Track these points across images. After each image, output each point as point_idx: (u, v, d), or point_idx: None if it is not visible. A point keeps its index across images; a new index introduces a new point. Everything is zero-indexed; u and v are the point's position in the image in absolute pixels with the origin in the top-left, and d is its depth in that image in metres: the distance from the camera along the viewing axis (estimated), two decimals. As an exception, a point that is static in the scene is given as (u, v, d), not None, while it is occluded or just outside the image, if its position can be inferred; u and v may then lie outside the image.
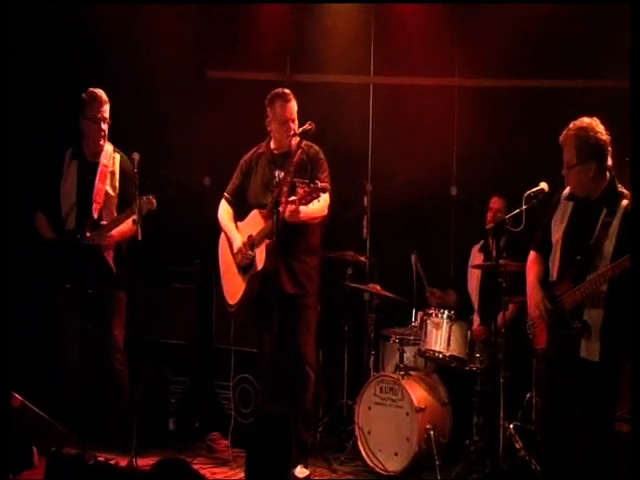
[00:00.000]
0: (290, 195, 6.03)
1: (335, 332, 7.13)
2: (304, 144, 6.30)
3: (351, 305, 7.30)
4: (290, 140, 6.28)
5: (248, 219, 6.34)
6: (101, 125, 6.51)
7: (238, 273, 6.30)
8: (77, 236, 6.44)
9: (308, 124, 6.23)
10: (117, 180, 6.57)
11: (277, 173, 6.29)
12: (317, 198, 5.93)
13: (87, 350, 6.54)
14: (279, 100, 6.28)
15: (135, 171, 6.23)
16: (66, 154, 6.61)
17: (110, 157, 6.58)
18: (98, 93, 6.53)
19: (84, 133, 6.58)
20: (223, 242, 6.47)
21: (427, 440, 6.35)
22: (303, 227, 6.19)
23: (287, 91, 6.32)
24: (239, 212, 6.47)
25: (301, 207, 5.98)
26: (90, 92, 6.55)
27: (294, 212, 5.99)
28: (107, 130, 6.55)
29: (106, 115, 6.53)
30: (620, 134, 5.18)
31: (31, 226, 6.56)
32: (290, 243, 6.14)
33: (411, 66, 7.72)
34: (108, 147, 6.60)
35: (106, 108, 6.52)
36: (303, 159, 6.25)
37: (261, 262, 6.13)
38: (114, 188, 6.56)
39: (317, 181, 6.00)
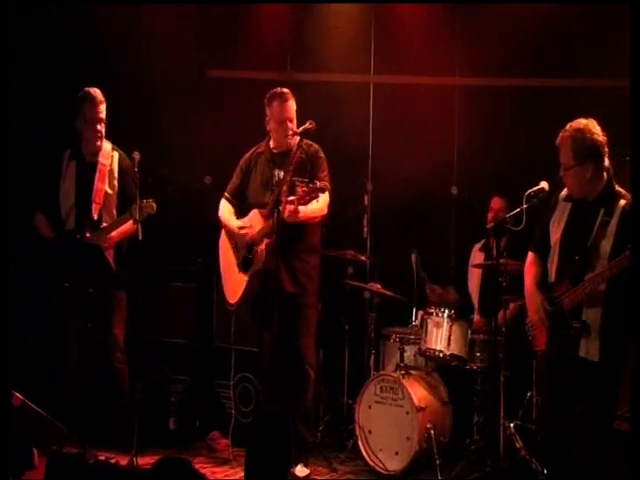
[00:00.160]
0: (290, 194, 6.02)
1: (335, 331, 7.13)
2: (304, 143, 6.29)
3: (351, 304, 7.31)
4: (289, 140, 6.28)
5: (248, 218, 6.32)
6: (97, 126, 6.46)
7: (238, 272, 6.30)
8: (77, 236, 6.44)
9: (308, 123, 6.22)
10: (116, 179, 6.56)
11: (277, 172, 6.28)
12: (316, 198, 5.92)
13: (87, 350, 6.53)
14: (277, 100, 6.27)
15: (136, 170, 6.22)
16: (64, 154, 6.59)
17: (108, 156, 6.56)
18: (93, 93, 6.46)
19: (81, 134, 6.55)
20: (224, 241, 6.47)
21: (427, 439, 6.35)
22: (303, 226, 6.18)
23: (285, 90, 6.31)
24: (239, 211, 6.46)
25: (300, 207, 5.97)
26: (85, 93, 6.48)
27: (293, 212, 5.99)
28: (104, 130, 6.51)
29: (102, 116, 6.47)
30: (620, 134, 5.18)
31: (31, 226, 6.56)
32: (290, 242, 6.14)
33: (411, 65, 7.72)
34: (106, 145, 6.58)
35: (102, 108, 6.46)
36: (303, 158, 6.24)
37: (261, 262, 6.13)
38: (113, 187, 6.55)
39: (316, 181, 5.99)
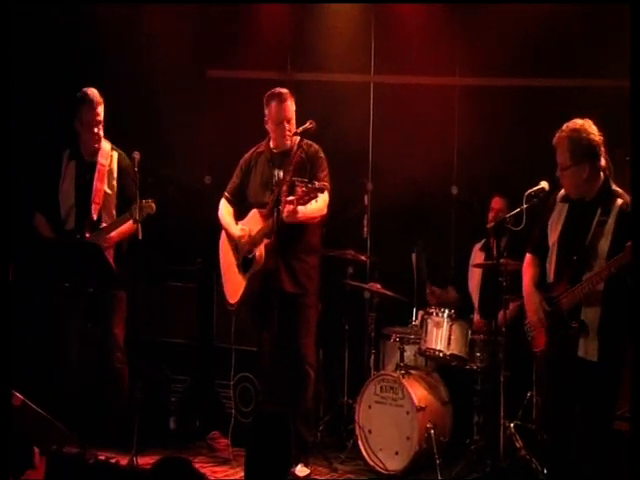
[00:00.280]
0: (290, 194, 6.01)
1: (335, 331, 7.13)
2: (304, 143, 6.28)
3: (351, 304, 7.30)
4: (286, 140, 6.26)
5: (247, 218, 6.33)
6: (94, 129, 6.44)
7: (238, 272, 6.29)
8: (77, 236, 6.44)
9: (308, 123, 6.20)
10: (115, 179, 6.55)
11: (276, 172, 6.27)
12: (315, 198, 5.90)
13: (87, 350, 6.54)
14: (275, 100, 6.26)
15: (136, 170, 6.21)
16: (64, 154, 6.59)
17: (108, 155, 6.55)
18: (90, 96, 6.42)
19: (79, 135, 6.54)
20: (224, 241, 6.47)
21: (427, 439, 6.35)
22: (303, 226, 6.18)
23: (284, 91, 6.29)
24: (239, 211, 6.46)
25: (299, 207, 5.95)
26: (82, 95, 6.44)
27: (292, 212, 5.96)
28: (102, 131, 6.49)
29: (99, 118, 6.44)
30: (620, 134, 5.18)
31: (31, 226, 6.56)
32: (290, 242, 6.14)
33: (411, 65, 7.71)
34: (106, 145, 6.57)
35: (99, 111, 6.44)
36: (302, 158, 6.23)
37: (260, 261, 6.13)
38: (112, 187, 6.54)
39: (314, 181, 5.98)
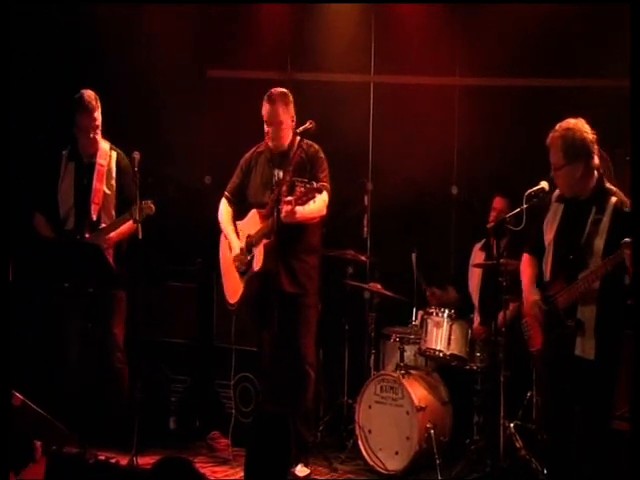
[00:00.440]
0: (290, 194, 5.99)
1: (335, 331, 7.13)
2: (304, 143, 6.27)
3: (351, 304, 7.30)
4: (280, 141, 6.24)
5: (247, 219, 6.33)
6: (90, 135, 6.44)
7: (238, 272, 6.30)
8: (76, 236, 6.44)
9: (308, 123, 6.19)
10: (113, 178, 6.55)
11: (276, 172, 6.26)
12: (313, 199, 5.88)
13: (87, 350, 6.54)
14: (265, 101, 6.24)
15: (136, 170, 6.21)
16: (62, 155, 6.59)
17: (106, 155, 6.55)
18: (86, 101, 6.40)
19: (77, 138, 6.54)
20: (224, 241, 6.47)
21: (427, 439, 6.35)
22: (303, 226, 6.17)
23: (276, 92, 6.25)
24: (240, 211, 6.46)
25: (298, 207, 5.93)
26: (78, 99, 6.42)
27: (290, 213, 5.94)
28: (99, 135, 6.47)
29: (97, 123, 6.44)
30: (620, 134, 5.18)
31: (31, 226, 6.56)
32: (290, 242, 6.13)
33: (411, 65, 7.71)
34: (105, 145, 6.57)
35: (96, 116, 6.43)
36: (302, 158, 6.22)
37: (259, 263, 6.12)
38: (111, 187, 6.54)
39: (313, 181, 5.97)
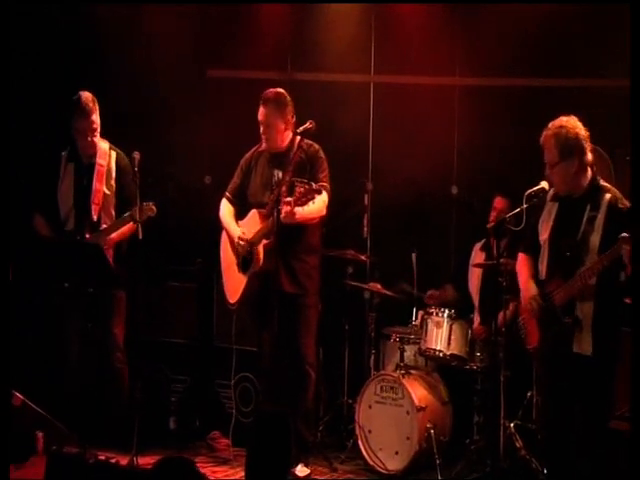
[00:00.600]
0: (289, 195, 5.98)
1: (335, 331, 7.12)
2: (304, 143, 6.26)
3: (351, 304, 7.30)
4: (272, 143, 6.24)
5: (247, 219, 6.32)
6: (87, 138, 6.44)
7: (238, 271, 6.29)
8: (77, 237, 6.43)
9: (308, 123, 6.18)
10: (113, 178, 6.54)
11: (276, 172, 6.26)
12: (312, 199, 5.86)
13: (87, 350, 6.54)
14: (260, 102, 6.26)
15: (136, 170, 6.21)
16: (62, 156, 6.58)
17: (106, 155, 6.54)
18: (83, 104, 6.39)
19: (76, 140, 6.54)
20: (225, 240, 6.46)
21: (427, 439, 6.35)
22: (303, 226, 6.16)
23: (269, 95, 6.25)
24: (240, 211, 6.46)
25: (297, 208, 5.91)
26: (76, 102, 6.41)
27: (289, 213, 5.92)
28: (97, 137, 6.46)
29: (94, 126, 6.43)
30: (620, 134, 5.18)
31: (31, 226, 6.55)
32: (290, 242, 6.13)
33: (411, 65, 7.71)
34: (104, 145, 6.56)
35: (93, 118, 6.42)
36: (302, 158, 6.22)
37: (259, 262, 6.13)
38: (110, 187, 6.53)
39: (312, 182, 5.96)
